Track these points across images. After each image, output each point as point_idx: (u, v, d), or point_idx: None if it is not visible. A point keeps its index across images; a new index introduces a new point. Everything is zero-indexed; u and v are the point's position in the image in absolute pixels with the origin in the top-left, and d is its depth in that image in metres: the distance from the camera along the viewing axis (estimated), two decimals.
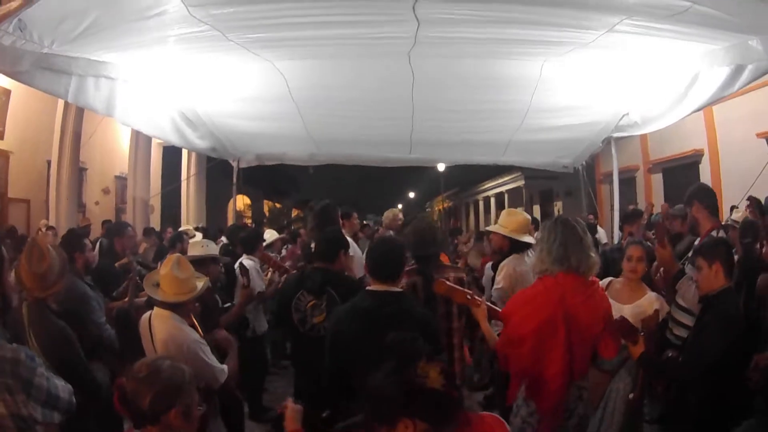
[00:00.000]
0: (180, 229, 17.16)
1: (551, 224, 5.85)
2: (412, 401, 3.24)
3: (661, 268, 8.29)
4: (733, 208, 11.48)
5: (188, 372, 3.97)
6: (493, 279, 8.42)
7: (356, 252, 9.28)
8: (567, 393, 5.65)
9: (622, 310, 6.56)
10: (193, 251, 8.35)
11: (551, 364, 5.42)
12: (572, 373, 5.61)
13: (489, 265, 9.86)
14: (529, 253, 8.27)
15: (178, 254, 6.68)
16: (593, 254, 5.79)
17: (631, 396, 6.20)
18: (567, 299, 5.48)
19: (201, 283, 6.20)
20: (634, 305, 6.90)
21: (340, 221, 9.34)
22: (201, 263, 7.47)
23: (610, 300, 6.37)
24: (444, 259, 8.25)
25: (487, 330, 5.95)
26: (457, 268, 7.57)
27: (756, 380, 5.69)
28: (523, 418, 5.65)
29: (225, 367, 6.00)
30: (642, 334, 5.76)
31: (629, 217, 11.12)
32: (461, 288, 6.19)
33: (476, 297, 6.02)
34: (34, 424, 4.30)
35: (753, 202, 10.01)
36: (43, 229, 15.81)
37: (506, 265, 7.98)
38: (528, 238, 8.30)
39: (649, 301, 6.97)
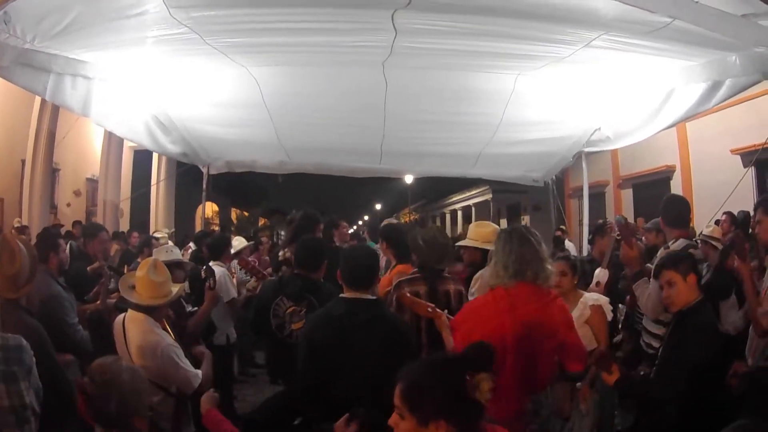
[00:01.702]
0: (153, 233, 17.10)
1: (506, 236, 5.76)
2: (456, 406, 3.26)
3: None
4: (719, 222, 11.51)
5: (143, 378, 4.04)
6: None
7: None
8: (525, 406, 5.67)
9: None
10: (157, 257, 8.30)
11: (502, 375, 5.26)
12: (530, 384, 5.61)
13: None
14: None
15: (154, 258, 6.66)
16: (549, 265, 5.74)
17: (578, 385, 6.22)
18: (518, 308, 5.43)
19: (176, 288, 6.20)
20: (573, 312, 6.74)
21: (329, 230, 9.24)
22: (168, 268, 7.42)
23: None
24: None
25: (447, 341, 5.95)
26: (457, 279, 7.53)
27: (736, 386, 5.72)
28: None
29: (199, 372, 5.96)
30: (618, 360, 5.75)
31: (599, 229, 11.12)
32: (423, 301, 6.26)
33: (437, 309, 6.05)
34: (31, 414, 4.30)
35: (729, 216, 10.09)
36: (16, 225, 15.73)
37: (480, 277, 7.90)
38: None
39: (584, 303, 7.06)
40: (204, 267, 9.05)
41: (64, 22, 6.87)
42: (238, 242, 13.11)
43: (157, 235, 16.70)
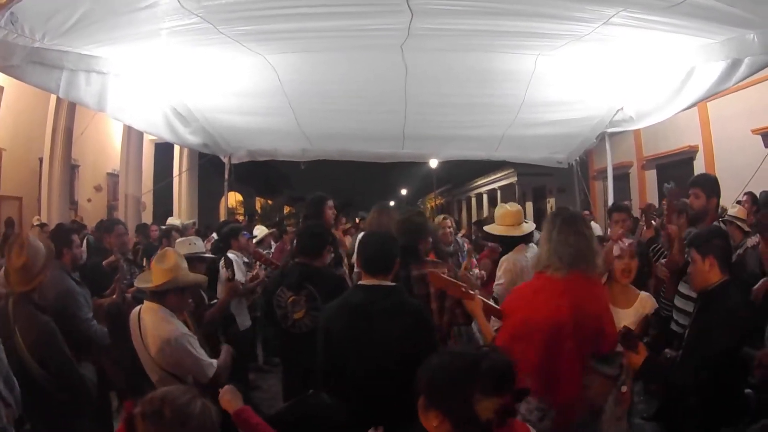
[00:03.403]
0: (167, 223, 17.07)
1: (561, 224, 5.66)
2: (453, 406, 3.19)
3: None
4: (739, 203, 11.39)
5: (216, 414, 3.75)
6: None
7: None
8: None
9: (626, 315, 6.25)
10: (179, 250, 8.26)
11: (566, 357, 5.33)
12: (583, 369, 5.53)
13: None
14: (532, 246, 8.18)
15: (167, 248, 6.63)
16: (600, 257, 5.74)
17: (624, 389, 6.07)
18: (574, 295, 5.37)
19: (188, 275, 6.13)
20: (634, 309, 6.42)
21: (331, 214, 9.04)
22: (187, 262, 7.38)
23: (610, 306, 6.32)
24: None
25: (484, 325, 5.82)
26: (437, 263, 7.40)
27: (760, 377, 5.60)
28: (523, 416, 5.53)
29: (214, 361, 5.89)
30: (647, 340, 5.65)
31: (619, 207, 10.95)
32: (455, 281, 6.07)
33: (471, 291, 5.93)
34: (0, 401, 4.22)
35: (750, 197, 9.94)
36: (36, 223, 15.77)
37: (506, 260, 7.79)
38: (525, 227, 8.16)
39: (643, 303, 6.48)
40: (223, 258, 9.04)
41: (73, 19, 6.86)
42: (259, 231, 13.17)
43: (174, 222, 16.67)
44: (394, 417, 4.17)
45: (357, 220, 18.93)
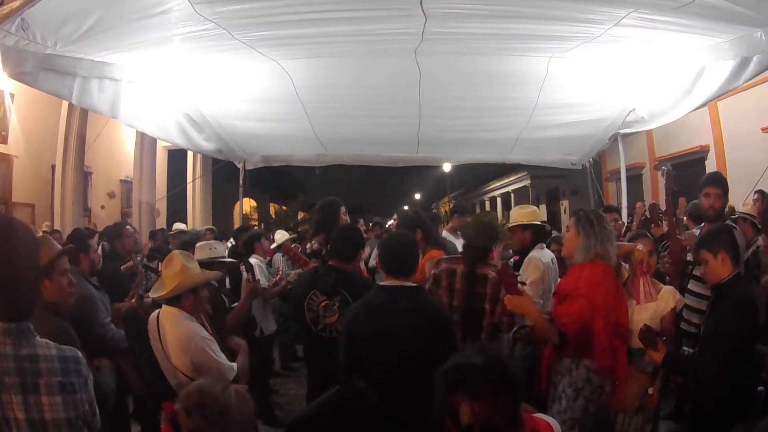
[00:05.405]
0: (174, 228, 17.18)
1: (598, 219, 6.05)
2: (446, 413, 3.18)
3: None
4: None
5: (252, 404, 3.79)
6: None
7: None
8: None
9: (643, 311, 6.26)
10: (200, 254, 8.24)
11: (622, 338, 5.80)
12: None
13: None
14: (545, 249, 8.20)
15: (172, 252, 6.59)
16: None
17: (650, 391, 6.07)
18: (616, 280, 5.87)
19: (196, 274, 6.10)
20: (655, 305, 6.36)
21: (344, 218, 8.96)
22: (207, 267, 7.34)
23: (630, 301, 6.36)
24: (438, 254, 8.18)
25: (539, 317, 5.96)
26: (496, 266, 7.41)
27: None
28: (587, 398, 5.76)
29: (234, 365, 5.89)
30: (664, 339, 5.69)
31: (609, 208, 11.11)
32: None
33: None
34: (84, 425, 4.19)
35: (760, 195, 9.95)
36: (45, 230, 15.78)
37: (532, 258, 7.78)
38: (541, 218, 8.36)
39: (665, 298, 6.41)
40: (242, 262, 9.03)
41: (86, 26, 6.89)
42: (279, 235, 13.13)
43: (181, 227, 16.80)
44: (413, 416, 4.19)
45: (371, 225, 18.80)
